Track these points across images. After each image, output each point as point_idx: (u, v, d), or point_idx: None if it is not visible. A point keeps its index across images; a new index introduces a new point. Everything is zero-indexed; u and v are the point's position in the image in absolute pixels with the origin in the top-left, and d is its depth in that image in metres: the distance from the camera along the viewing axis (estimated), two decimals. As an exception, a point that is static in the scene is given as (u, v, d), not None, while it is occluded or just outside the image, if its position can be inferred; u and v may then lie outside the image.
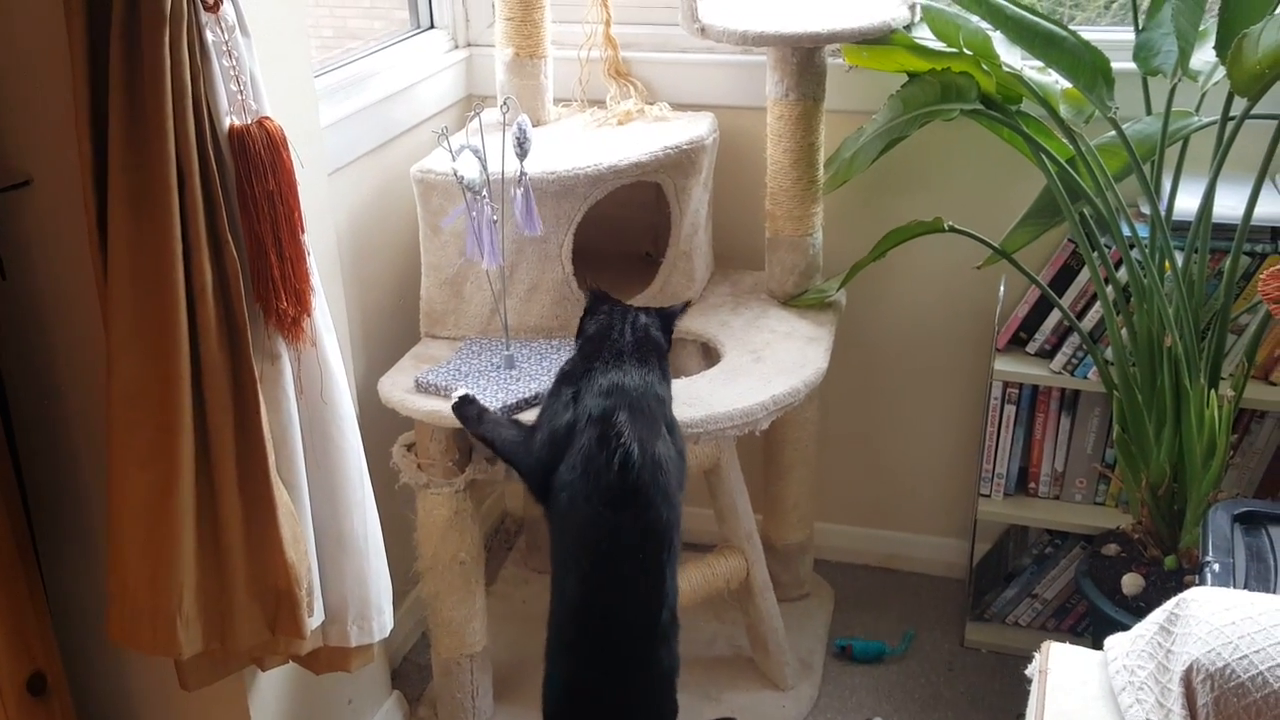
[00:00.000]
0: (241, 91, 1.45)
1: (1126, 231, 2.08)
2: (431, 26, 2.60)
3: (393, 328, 2.38)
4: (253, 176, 1.46)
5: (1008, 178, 2.35)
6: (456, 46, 2.63)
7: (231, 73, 1.44)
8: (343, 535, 1.74)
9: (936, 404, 2.66)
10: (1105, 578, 2.17)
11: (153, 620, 1.55)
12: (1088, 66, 2.00)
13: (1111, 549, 2.24)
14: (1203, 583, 1.62)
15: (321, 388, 1.64)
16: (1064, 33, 2.01)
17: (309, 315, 1.57)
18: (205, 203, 1.42)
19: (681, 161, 2.19)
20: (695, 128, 2.29)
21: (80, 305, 1.61)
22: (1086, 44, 2.00)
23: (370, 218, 2.29)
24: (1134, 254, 2.08)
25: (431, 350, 2.19)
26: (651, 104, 2.45)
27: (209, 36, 1.40)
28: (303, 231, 1.53)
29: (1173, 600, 1.31)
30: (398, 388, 2.06)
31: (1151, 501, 2.14)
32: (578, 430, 1.76)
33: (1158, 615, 1.31)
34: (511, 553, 2.88)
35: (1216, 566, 1.63)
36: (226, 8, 1.42)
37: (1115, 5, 2.51)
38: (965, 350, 2.58)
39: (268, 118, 1.48)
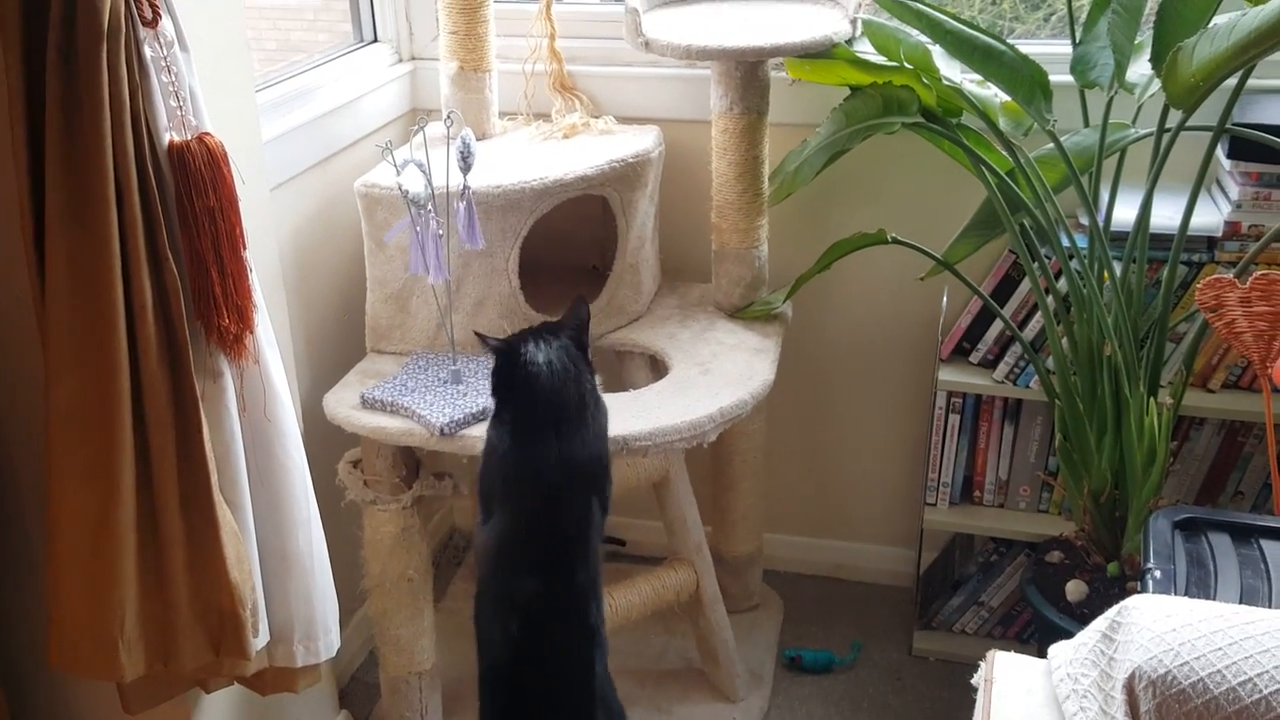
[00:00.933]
0: (181, 107, 1.44)
1: (1066, 242, 2.11)
2: (375, 40, 2.58)
3: (338, 343, 2.36)
4: (193, 193, 1.43)
5: (949, 190, 2.37)
6: (401, 60, 2.61)
7: (171, 88, 1.42)
8: (287, 554, 1.71)
9: (882, 414, 2.68)
10: (1049, 585, 2.19)
11: (93, 643, 1.52)
12: (1026, 80, 2.03)
13: (1055, 556, 2.26)
14: (1145, 589, 1.64)
15: (265, 405, 1.62)
16: (1002, 47, 2.03)
17: (251, 332, 1.55)
18: (144, 219, 1.39)
19: (627, 175, 2.19)
20: (641, 141, 2.29)
21: (18, 323, 1.58)
22: (1024, 58, 2.03)
23: (314, 233, 2.27)
24: (1073, 264, 2.11)
25: (377, 365, 2.17)
26: (597, 117, 2.45)
27: (147, 52, 1.38)
28: (244, 247, 1.51)
29: (1115, 608, 1.32)
30: (343, 404, 2.04)
31: (1094, 509, 2.17)
32: (521, 495, 1.74)
33: (1100, 623, 1.33)
34: (460, 568, 2.86)
35: (1158, 573, 1.65)
36: (165, 23, 1.40)
37: (1054, 18, 2.55)
38: (909, 360, 2.60)
39: (208, 133, 1.46)
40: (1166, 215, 2.09)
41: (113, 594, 1.49)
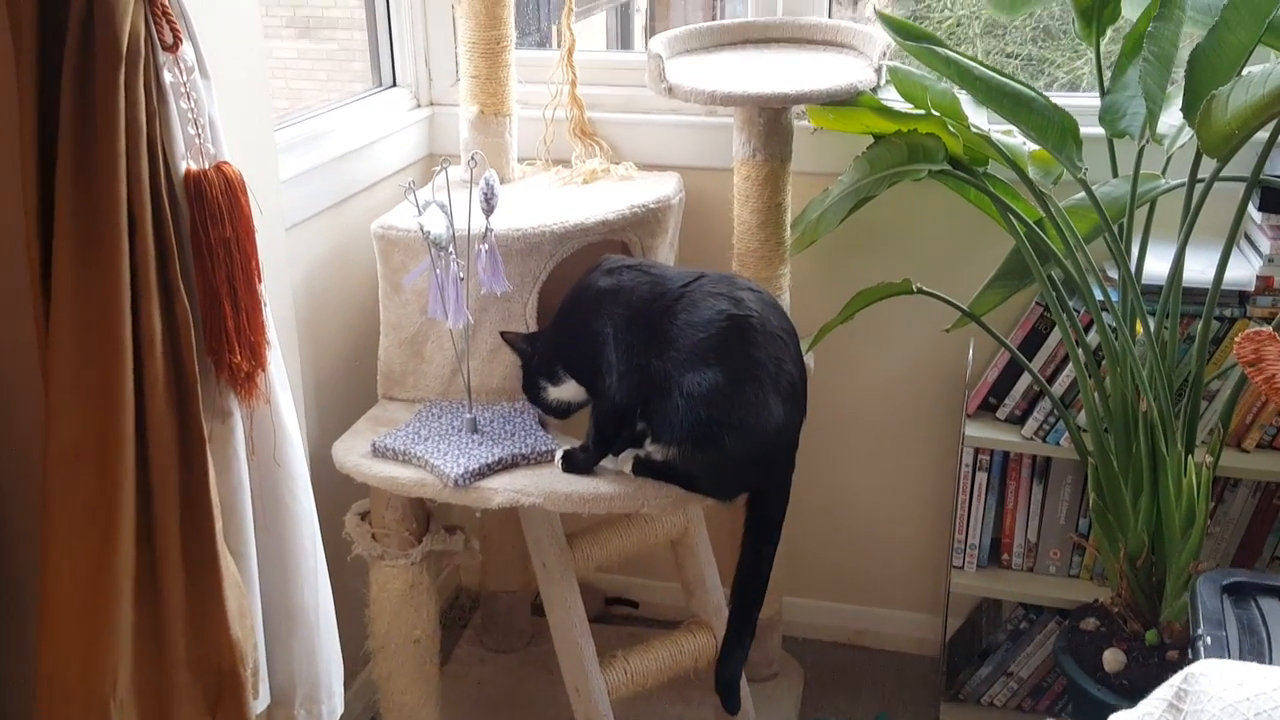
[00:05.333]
0: (199, 135, 1.39)
1: (1097, 294, 2.06)
2: (394, 85, 2.56)
3: (348, 389, 2.30)
4: (209, 223, 1.38)
5: (976, 239, 2.33)
6: (419, 105, 2.59)
7: (190, 115, 1.37)
8: (292, 609, 1.64)
9: (906, 471, 2.61)
10: (1085, 654, 2.10)
11: (84, 703, 1.42)
12: (1056, 127, 1.99)
13: (1090, 624, 2.17)
14: (1195, 657, 1.56)
15: (275, 448, 1.55)
16: (1032, 94, 2.00)
17: (264, 370, 1.49)
18: (157, 249, 1.34)
19: (648, 220, 2.15)
20: (662, 187, 2.25)
21: (18, 357, 1.51)
22: (1054, 105, 1.99)
23: (327, 275, 2.23)
24: (1105, 317, 2.05)
25: (389, 412, 2.11)
26: (617, 164, 2.41)
27: (167, 77, 1.34)
28: (260, 281, 1.46)
29: (1180, 675, 1.24)
30: (353, 452, 1.97)
31: (1130, 573, 2.09)
32: None
33: (1164, 691, 1.25)
34: (466, 630, 2.76)
35: (1209, 640, 1.57)
36: (186, 48, 1.35)
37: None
38: (935, 415, 2.53)
39: (226, 162, 1.41)
40: (1197, 269, 2.05)
41: (106, 649, 1.40)
